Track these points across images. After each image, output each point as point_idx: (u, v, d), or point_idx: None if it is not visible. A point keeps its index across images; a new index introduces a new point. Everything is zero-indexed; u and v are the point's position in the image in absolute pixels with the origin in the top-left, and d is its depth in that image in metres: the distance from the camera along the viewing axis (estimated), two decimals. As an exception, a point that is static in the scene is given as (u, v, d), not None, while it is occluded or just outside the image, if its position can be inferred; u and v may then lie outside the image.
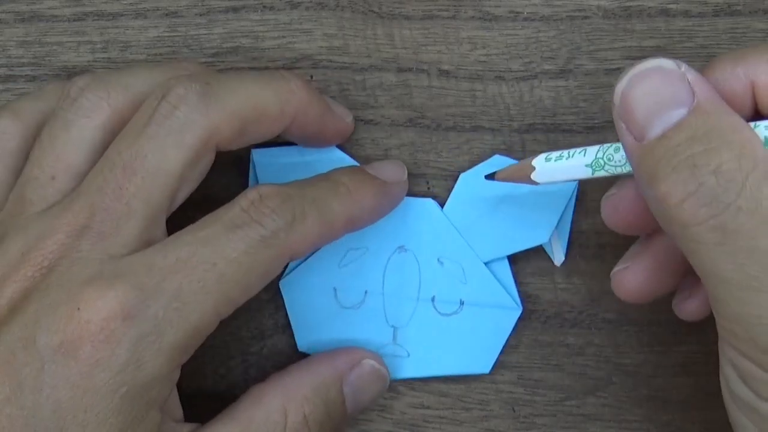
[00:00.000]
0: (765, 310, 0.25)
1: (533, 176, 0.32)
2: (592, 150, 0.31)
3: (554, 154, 0.32)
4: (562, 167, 0.31)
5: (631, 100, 0.27)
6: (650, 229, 0.31)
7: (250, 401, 0.32)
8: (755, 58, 0.27)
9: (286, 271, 0.37)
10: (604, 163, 0.30)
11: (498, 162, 0.37)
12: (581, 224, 0.37)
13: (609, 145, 0.30)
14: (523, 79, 0.37)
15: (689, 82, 0.26)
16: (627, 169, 0.29)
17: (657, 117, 0.26)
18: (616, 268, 0.32)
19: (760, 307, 0.25)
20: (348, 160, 0.37)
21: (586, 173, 0.31)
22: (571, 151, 0.31)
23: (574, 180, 0.32)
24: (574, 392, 0.37)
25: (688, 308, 0.32)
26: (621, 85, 0.27)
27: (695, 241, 0.26)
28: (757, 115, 0.28)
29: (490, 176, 0.34)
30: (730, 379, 0.27)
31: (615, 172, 0.30)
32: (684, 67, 0.27)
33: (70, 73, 0.38)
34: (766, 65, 0.27)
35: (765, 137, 0.27)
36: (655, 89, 0.27)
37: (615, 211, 0.32)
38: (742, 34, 0.37)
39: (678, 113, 0.26)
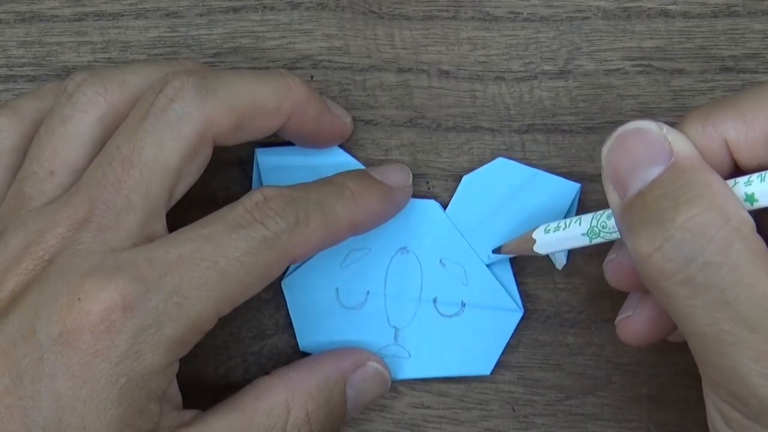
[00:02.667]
0: (738, 362, 0.25)
1: (535, 248, 0.34)
2: (587, 219, 0.31)
3: (552, 225, 0.33)
4: (560, 238, 0.33)
5: (614, 161, 0.28)
6: None
7: (254, 393, 0.32)
8: (721, 115, 0.28)
9: (289, 270, 0.37)
10: (599, 230, 0.31)
11: (502, 165, 0.37)
12: (581, 224, 0.37)
13: (602, 212, 0.31)
14: (523, 80, 0.37)
15: (668, 141, 0.27)
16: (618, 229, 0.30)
17: (636, 175, 0.27)
18: (619, 317, 0.33)
19: (734, 360, 0.25)
20: (352, 162, 0.37)
21: (583, 242, 0.32)
22: (567, 221, 0.32)
23: (574, 248, 0.33)
24: (573, 392, 0.37)
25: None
26: (606, 147, 0.28)
27: (668, 296, 0.26)
28: (739, 171, 0.28)
29: (497, 250, 0.36)
30: (714, 419, 0.28)
31: (610, 239, 0.31)
32: (665, 128, 0.27)
33: (70, 74, 0.38)
34: (733, 122, 0.27)
35: (745, 193, 0.27)
36: (635, 150, 0.27)
37: (617, 274, 0.32)
38: (741, 35, 0.37)
39: (655, 171, 0.27)
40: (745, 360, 0.25)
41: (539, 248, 0.34)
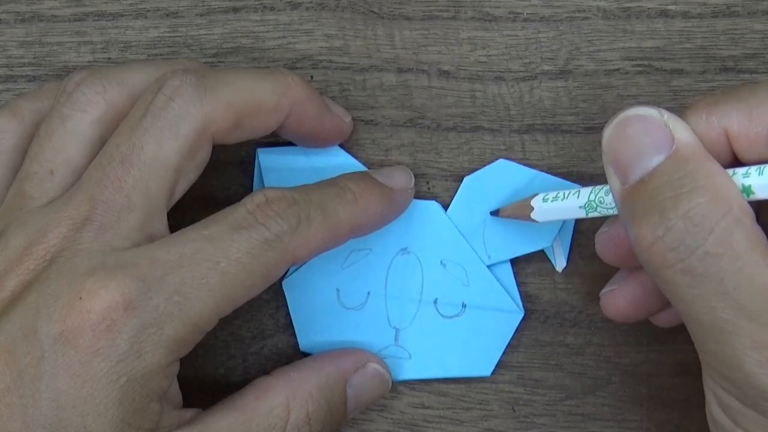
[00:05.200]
0: (736, 350, 0.25)
1: (532, 215, 0.34)
2: (585, 192, 0.32)
3: (551, 195, 0.33)
4: (557, 208, 0.33)
5: (615, 146, 0.28)
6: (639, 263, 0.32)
7: (255, 393, 0.32)
8: (727, 107, 0.28)
9: (290, 271, 0.37)
10: (597, 205, 0.31)
11: (502, 166, 0.37)
12: (581, 224, 0.37)
13: (600, 187, 0.31)
14: (523, 80, 0.37)
15: (670, 129, 0.27)
16: (617, 211, 0.30)
17: (638, 163, 0.27)
18: (604, 290, 0.33)
19: (732, 347, 0.26)
20: (353, 163, 0.37)
21: (580, 214, 0.32)
22: (566, 192, 0.33)
23: (570, 219, 0.33)
24: (573, 392, 0.37)
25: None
26: (607, 132, 0.28)
27: (669, 284, 0.27)
28: (737, 162, 0.28)
29: (495, 212, 0.36)
30: (711, 406, 0.28)
31: (607, 214, 0.31)
32: (666, 114, 0.28)
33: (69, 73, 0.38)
34: (737, 114, 0.28)
35: (742, 185, 0.27)
36: (637, 136, 0.28)
37: (607, 247, 0.33)
38: (741, 35, 0.37)
39: (657, 159, 0.27)
40: (744, 348, 0.25)
41: (536, 215, 0.34)
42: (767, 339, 0.25)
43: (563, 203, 0.33)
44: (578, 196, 0.32)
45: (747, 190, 0.27)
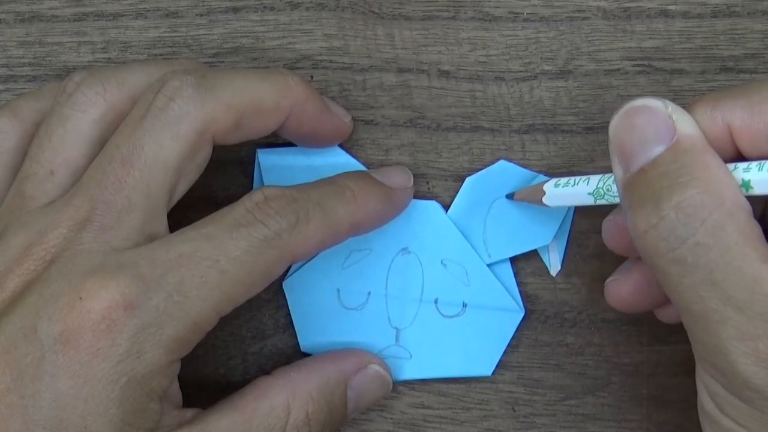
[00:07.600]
0: (722, 339, 0.26)
1: (544, 199, 0.34)
2: (594, 179, 0.32)
3: (562, 181, 0.34)
4: (568, 193, 0.33)
5: (620, 135, 0.28)
6: None
7: (255, 393, 0.32)
8: (731, 102, 0.28)
9: (290, 271, 0.37)
10: (604, 192, 0.31)
11: (503, 168, 0.37)
12: (581, 224, 0.37)
13: (609, 175, 0.31)
14: (523, 80, 0.37)
15: (673, 120, 0.28)
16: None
17: (640, 152, 0.28)
18: (609, 279, 0.33)
19: (719, 337, 0.26)
20: (352, 162, 0.37)
21: (588, 200, 0.32)
22: (577, 178, 0.33)
23: (580, 205, 0.33)
24: (573, 392, 0.37)
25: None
26: (614, 122, 0.29)
27: (661, 272, 0.27)
28: (740, 157, 0.28)
29: (510, 195, 0.36)
30: (701, 395, 0.29)
31: (614, 202, 0.31)
32: (671, 106, 0.28)
33: (70, 74, 0.38)
34: (741, 110, 0.28)
35: (743, 179, 0.27)
36: (640, 126, 0.28)
37: (612, 234, 0.33)
38: (741, 35, 0.37)
39: (658, 149, 0.27)
40: (729, 338, 0.26)
41: (548, 200, 0.34)
42: (752, 330, 0.25)
43: (573, 189, 0.33)
44: (588, 183, 0.32)
45: (746, 185, 0.27)
